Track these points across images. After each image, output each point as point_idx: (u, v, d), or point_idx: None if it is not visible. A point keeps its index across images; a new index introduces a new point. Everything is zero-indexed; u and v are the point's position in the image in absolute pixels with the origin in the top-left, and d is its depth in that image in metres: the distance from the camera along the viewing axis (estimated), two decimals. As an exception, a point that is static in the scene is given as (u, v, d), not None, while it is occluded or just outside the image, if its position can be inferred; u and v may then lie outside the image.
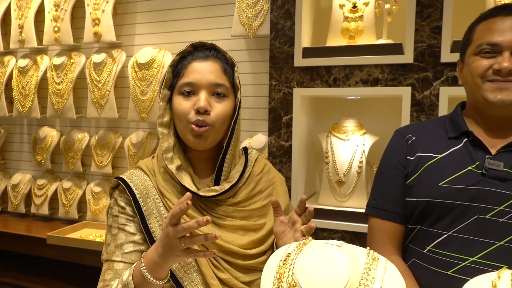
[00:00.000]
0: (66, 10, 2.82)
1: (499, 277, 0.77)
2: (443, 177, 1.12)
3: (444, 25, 1.74)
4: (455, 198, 1.09)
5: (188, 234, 0.88)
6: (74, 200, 2.98)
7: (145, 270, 0.93)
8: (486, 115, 1.13)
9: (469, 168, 1.10)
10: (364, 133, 2.06)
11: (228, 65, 1.10)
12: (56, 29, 2.84)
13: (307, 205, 1.05)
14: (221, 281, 1.06)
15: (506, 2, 1.69)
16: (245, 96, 2.57)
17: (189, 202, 0.85)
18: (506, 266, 0.86)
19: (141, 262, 0.95)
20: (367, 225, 1.91)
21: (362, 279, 0.84)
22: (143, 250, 1.06)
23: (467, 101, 1.21)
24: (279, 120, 2.03)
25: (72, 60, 2.88)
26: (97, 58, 2.77)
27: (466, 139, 1.14)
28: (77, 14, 2.92)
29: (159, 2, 2.76)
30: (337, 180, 2.04)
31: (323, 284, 0.82)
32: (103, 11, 2.71)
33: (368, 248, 0.91)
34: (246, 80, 2.53)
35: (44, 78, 2.98)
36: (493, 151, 1.10)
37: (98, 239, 2.60)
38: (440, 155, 1.15)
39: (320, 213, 2.01)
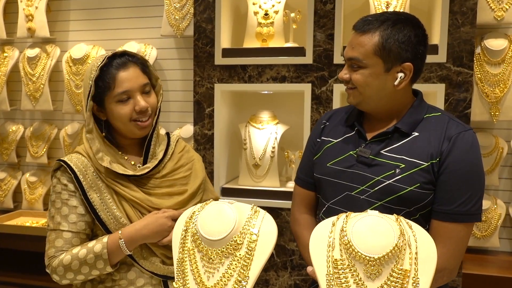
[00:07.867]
0: (-2, 5, 2.91)
1: (338, 218, 1.10)
2: (331, 158, 1.31)
3: (335, 33, 2.10)
4: (334, 177, 1.29)
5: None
6: (9, 190, 3.07)
7: (123, 244, 1.23)
8: (365, 112, 1.30)
9: (350, 152, 1.27)
10: (277, 123, 2.40)
11: (142, 64, 1.34)
12: (-13, 23, 2.92)
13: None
14: None
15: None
16: (175, 90, 2.82)
17: None
18: (348, 212, 1.17)
19: (120, 238, 1.23)
20: (279, 201, 2.25)
21: (245, 225, 1.14)
22: (87, 220, 1.28)
23: None
24: (202, 112, 2.31)
25: (5, 54, 2.97)
26: (31, 52, 2.89)
27: (357, 128, 1.30)
28: (10, 9, 3.00)
29: (92, 0, 2.92)
30: (254, 163, 2.36)
31: (216, 230, 1.12)
32: (36, 7, 2.84)
33: (252, 204, 1.21)
34: (175, 75, 2.78)
35: (-25, 71, 3.03)
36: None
37: (34, 225, 2.74)
38: (336, 139, 1.33)
39: (240, 192, 2.33)
